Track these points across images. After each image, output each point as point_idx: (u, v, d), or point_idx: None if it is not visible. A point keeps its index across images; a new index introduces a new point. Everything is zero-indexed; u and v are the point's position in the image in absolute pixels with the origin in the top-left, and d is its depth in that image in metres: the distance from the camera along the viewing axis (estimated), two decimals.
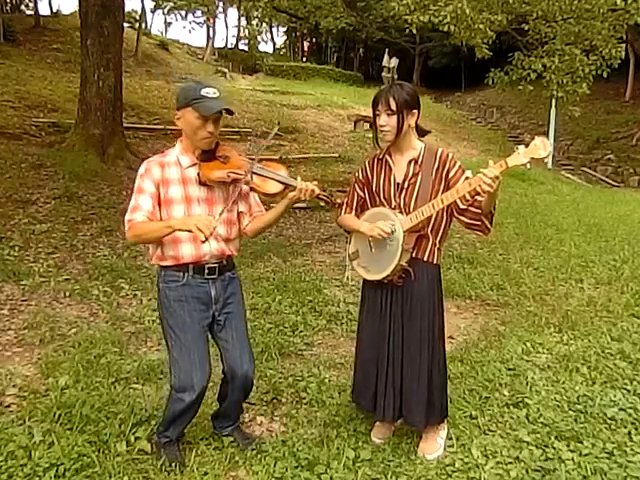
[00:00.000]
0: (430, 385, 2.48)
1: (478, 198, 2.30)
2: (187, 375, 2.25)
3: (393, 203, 2.44)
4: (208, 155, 2.26)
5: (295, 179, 2.25)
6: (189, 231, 2.07)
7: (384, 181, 2.47)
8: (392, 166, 2.46)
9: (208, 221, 2.05)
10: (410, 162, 2.42)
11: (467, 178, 2.32)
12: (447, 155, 2.42)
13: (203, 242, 2.05)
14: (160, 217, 2.24)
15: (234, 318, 2.39)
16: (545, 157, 2.13)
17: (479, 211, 2.31)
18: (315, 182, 2.24)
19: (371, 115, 2.45)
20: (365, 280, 2.57)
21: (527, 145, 2.14)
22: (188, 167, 2.26)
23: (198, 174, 2.24)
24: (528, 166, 2.14)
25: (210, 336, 2.41)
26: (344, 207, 2.61)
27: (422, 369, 2.45)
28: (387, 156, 2.48)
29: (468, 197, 2.30)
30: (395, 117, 2.33)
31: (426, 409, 2.47)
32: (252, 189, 2.31)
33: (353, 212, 2.59)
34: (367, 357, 2.57)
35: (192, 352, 2.26)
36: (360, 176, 2.57)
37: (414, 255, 2.41)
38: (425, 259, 2.44)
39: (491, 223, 2.37)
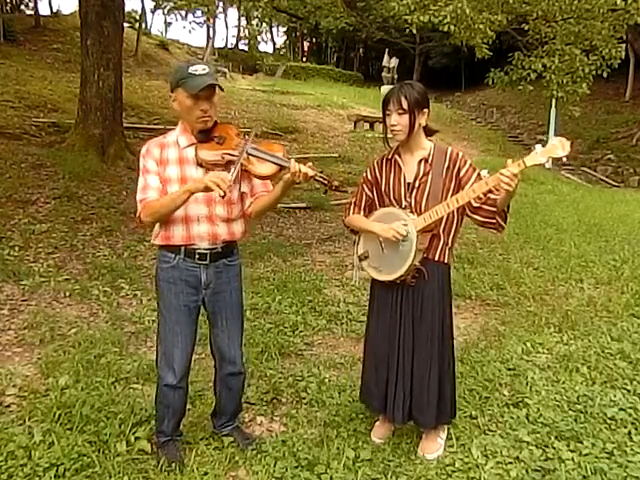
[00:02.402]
0: (441, 385, 2.48)
1: (492, 196, 2.28)
2: (169, 354, 2.32)
3: (404, 203, 2.42)
4: (205, 135, 2.25)
5: (289, 160, 2.19)
6: (206, 189, 2.06)
7: (394, 181, 2.46)
8: (402, 166, 2.45)
9: (222, 175, 2.05)
10: (420, 161, 2.41)
11: (480, 177, 2.32)
12: (457, 154, 2.42)
13: (223, 197, 2.05)
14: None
15: (226, 307, 2.38)
16: (564, 156, 2.12)
17: (494, 209, 2.30)
18: (310, 164, 2.19)
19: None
20: (374, 281, 2.56)
21: (545, 145, 2.14)
22: (186, 147, 2.26)
23: (195, 155, 2.23)
24: (546, 165, 2.14)
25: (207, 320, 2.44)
26: (352, 207, 2.60)
27: (433, 369, 2.45)
28: (396, 156, 2.47)
29: (481, 195, 2.29)
30: (407, 116, 2.32)
31: (437, 410, 2.47)
32: (245, 170, 2.25)
33: (362, 213, 2.58)
34: (378, 358, 2.56)
35: (175, 332, 2.30)
36: (369, 176, 2.56)
37: (425, 255, 2.40)
38: (436, 259, 2.43)
39: (505, 221, 2.36)
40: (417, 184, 2.41)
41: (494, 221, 2.34)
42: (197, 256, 2.27)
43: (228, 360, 2.44)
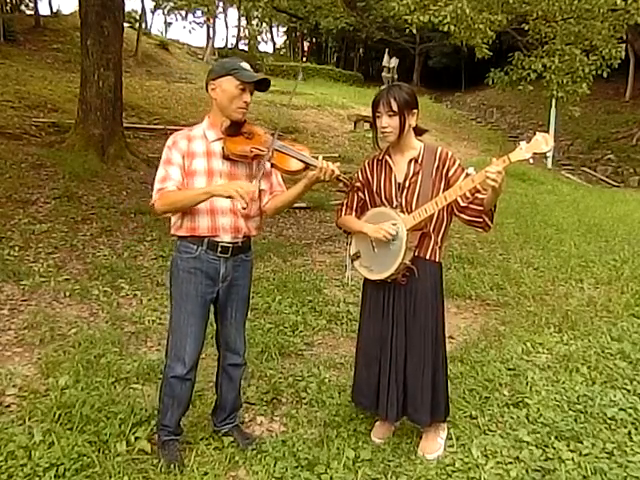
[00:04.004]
0: (434, 382, 2.49)
1: (479, 195, 2.31)
2: (180, 345, 2.35)
3: (395, 203, 2.45)
4: (234, 130, 2.31)
5: (317, 159, 2.27)
6: (229, 197, 2.12)
7: (385, 181, 2.48)
8: (392, 166, 2.48)
9: (247, 187, 2.11)
10: (410, 161, 2.44)
11: (468, 175, 2.33)
12: (447, 154, 2.44)
13: (244, 209, 2.13)
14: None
15: (237, 300, 2.45)
16: (548, 151, 2.15)
17: (481, 208, 2.33)
18: (337, 164, 2.26)
19: (371, 115, 2.46)
20: (366, 280, 2.58)
21: (529, 140, 2.16)
22: (213, 141, 2.32)
23: (223, 148, 2.29)
24: (531, 161, 2.16)
25: (214, 312, 2.48)
26: (344, 209, 2.63)
27: (426, 367, 2.46)
28: (387, 157, 2.50)
29: (468, 194, 2.32)
30: (397, 118, 2.36)
31: (431, 407, 2.48)
32: (272, 165, 2.33)
33: (353, 214, 2.60)
34: (370, 357, 2.57)
35: (189, 323, 2.34)
36: (360, 177, 2.58)
37: (416, 254, 2.42)
38: (427, 257, 2.45)
39: (492, 220, 2.38)
40: (407, 184, 2.43)
41: (481, 220, 2.37)
42: (220, 249, 2.32)
43: (233, 351, 2.50)
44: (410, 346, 2.47)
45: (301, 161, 2.28)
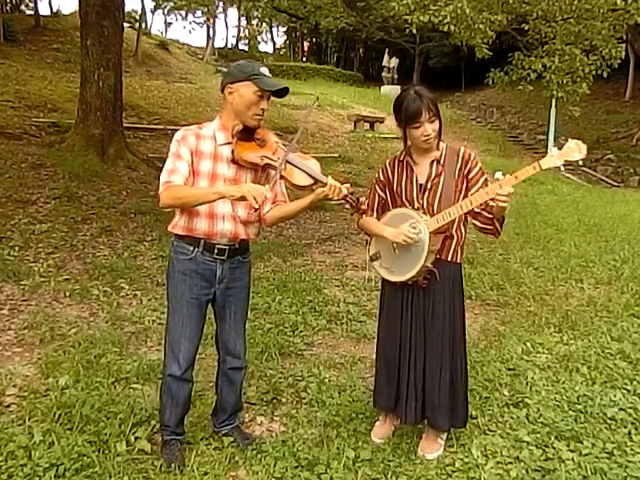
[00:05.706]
0: (452, 386, 2.46)
1: (491, 203, 2.30)
2: (175, 345, 2.34)
3: (416, 204, 2.42)
4: (246, 135, 2.25)
5: (327, 176, 2.22)
6: (241, 198, 2.06)
7: (406, 182, 2.45)
8: (414, 167, 2.44)
9: (260, 189, 2.06)
10: (432, 162, 2.41)
11: (486, 182, 2.34)
12: (469, 155, 2.42)
13: (255, 210, 2.08)
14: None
15: (235, 302, 2.42)
16: (580, 159, 2.13)
17: (491, 216, 2.33)
18: (347, 185, 2.20)
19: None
20: (385, 281, 2.55)
21: (561, 147, 2.15)
22: (222, 144, 2.27)
23: (233, 151, 2.24)
24: (562, 169, 2.16)
25: (213, 313, 2.47)
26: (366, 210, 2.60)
27: (444, 371, 2.44)
28: (408, 157, 2.46)
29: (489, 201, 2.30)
30: (437, 121, 2.35)
31: (450, 411, 2.47)
32: (281, 177, 2.28)
33: (375, 214, 2.56)
34: (389, 358, 2.56)
35: (184, 324, 2.33)
36: (381, 177, 2.55)
37: (438, 256, 2.39)
38: (449, 259, 2.43)
39: (502, 226, 2.39)
40: (429, 185, 2.40)
41: (492, 227, 2.37)
42: (216, 251, 2.30)
43: (233, 354, 2.48)
44: (428, 348, 2.45)
45: (311, 177, 2.23)
